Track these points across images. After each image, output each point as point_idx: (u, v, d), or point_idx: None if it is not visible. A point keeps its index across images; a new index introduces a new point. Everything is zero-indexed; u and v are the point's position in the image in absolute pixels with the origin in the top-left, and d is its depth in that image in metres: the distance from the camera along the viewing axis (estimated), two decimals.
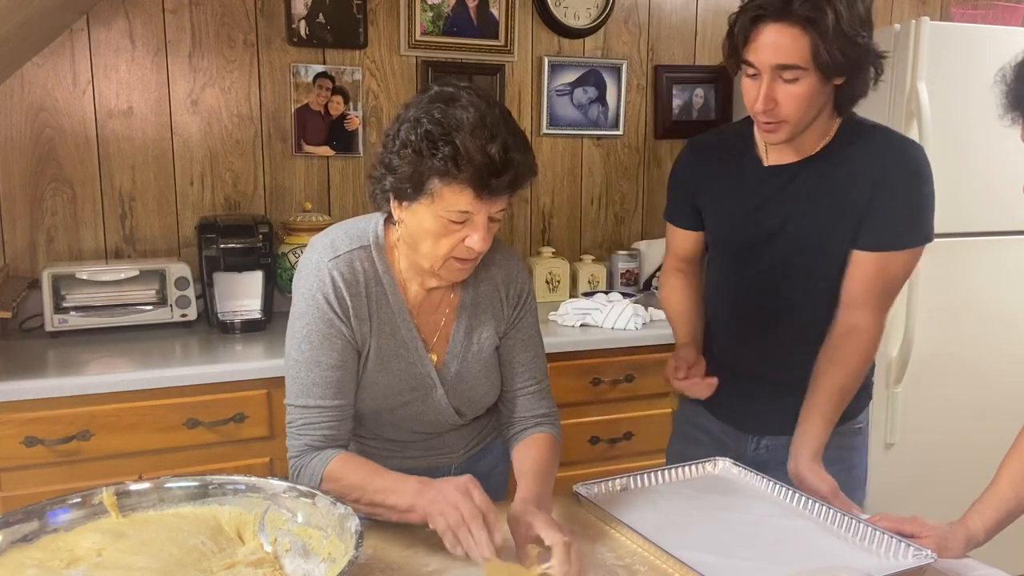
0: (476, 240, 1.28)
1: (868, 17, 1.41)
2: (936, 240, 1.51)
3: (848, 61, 1.39)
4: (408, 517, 1.25)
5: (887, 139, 1.53)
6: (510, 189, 1.25)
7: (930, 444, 2.71)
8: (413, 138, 1.24)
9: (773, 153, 1.58)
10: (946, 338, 2.67)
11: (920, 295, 2.57)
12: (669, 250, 1.83)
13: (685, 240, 1.77)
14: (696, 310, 1.79)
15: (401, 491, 1.26)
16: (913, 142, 1.54)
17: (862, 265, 1.53)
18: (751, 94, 1.45)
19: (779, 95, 1.42)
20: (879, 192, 1.49)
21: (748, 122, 1.62)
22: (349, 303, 1.35)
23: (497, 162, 1.21)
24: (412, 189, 1.26)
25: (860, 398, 1.67)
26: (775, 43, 1.38)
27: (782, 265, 1.59)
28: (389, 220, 1.38)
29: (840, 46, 1.36)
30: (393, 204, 1.32)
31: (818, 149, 1.54)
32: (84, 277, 2.31)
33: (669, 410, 2.50)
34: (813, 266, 1.57)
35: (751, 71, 1.44)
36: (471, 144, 1.20)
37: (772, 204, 1.57)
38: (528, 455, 1.43)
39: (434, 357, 1.44)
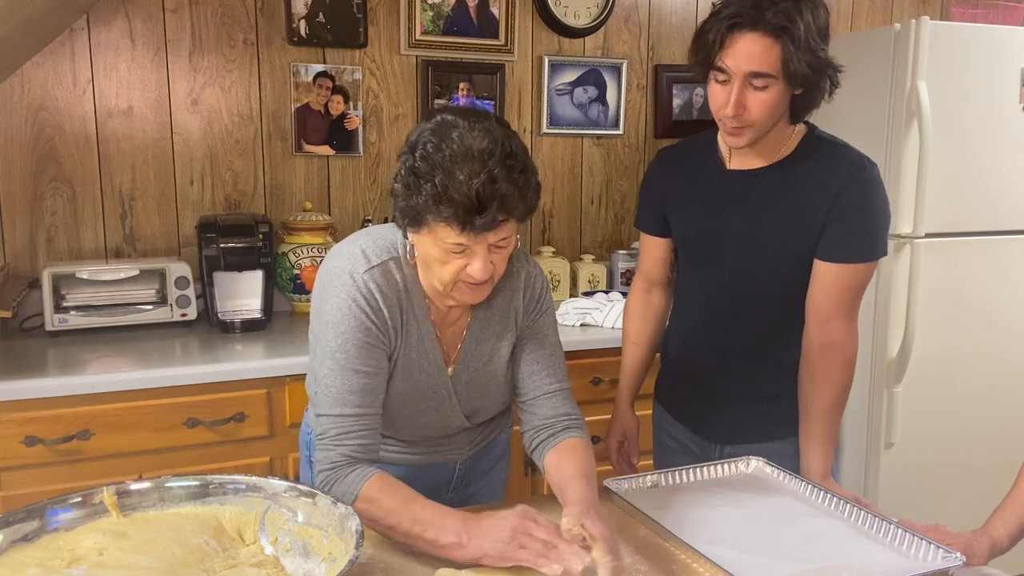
0: (476, 269, 1.27)
1: (827, 31, 1.47)
2: (936, 240, 1.52)
3: (811, 71, 1.44)
4: (447, 553, 1.20)
5: (847, 155, 1.58)
6: (497, 223, 1.23)
7: (930, 444, 2.72)
8: (403, 173, 1.26)
9: (736, 159, 1.63)
10: (946, 338, 2.67)
11: (920, 295, 2.57)
12: (640, 266, 1.87)
13: (655, 249, 1.81)
14: (650, 344, 1.87)
15: (443, 526, 1.21)
16: (870, 160, 1.58)
17: (829, 277, 1.56)
18: (720, 99, 1.50)
19: (749, 101, 1.47)
20: (840, 205, 1.53)
21: (712, 130, 1.68)
22: (386, 313, 1.34)
23: (478, 199, 1.19)
24: (410, 221, 1.28)
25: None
26: (749, 51, 1.43)
27: (744, 269, 1.63)
28: None
29: (807, 58, 1.42)
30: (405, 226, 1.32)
31: (780, 158, 1.59)
32: (84, 277, 2.31)
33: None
34: (773, 271, 1.60)
35: (721, 77, 1.48)
36: (451, 183, 1.19)
37: (734, 207, 1.62)
38: (568, 459, 1.38)
39: (450, 370, 1.44)
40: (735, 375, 1.69)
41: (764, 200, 1.59)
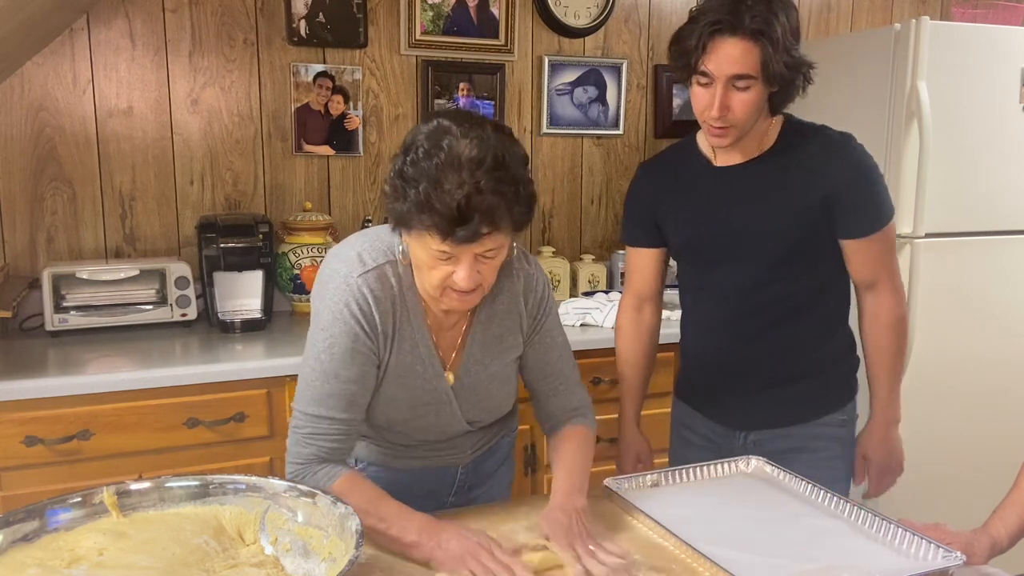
0: (461, 278, 1.26)
1: (798, 31, 1.54)
2: (936, 240, 1.56)
3: (788, 70, 1.50)
4: (408, 551, 1.27)
5: (829, 136, 1.64)
6: (481, 235, 1.21)
7: (930, 444, 2.71)
8: (392, 175, 1.25)
9: (720, 156, 1.68)
10: (946, 338, 2.66)
11: (920, 295, 2.57)
12: (628, 284, 1.88)
13: (647, 262, 1.82)
14: (646, 364, 1.90)
15: (405, 525, 1.27)
16: (848, 134, 1.64)
17: (860, 251, 1.64)
18: (703, 101, 1.55)
19: (732, 102, 1.52)
20: (839, 184, 1.59)
21: (688, 136, 1.75)
22: (377, 319, 1.34)
23: (459, 210, 1.18)
24: (397, 223, 1.28)
25: (842, 392, 1.76)
26: (730, 55, 1.48)
27: (748, 260, 1.66)
28: None
29: (784, 58, 1.48)
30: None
31: (764, 150, 1.64)
32: (84, 277, 2.31)
33: (668, 410, 2.50)
34: (778, 257, 1.64)
35: (704, 80, 1.53)
36: (434, 192, 1.18)
37: (728, 201, 1.66)
38: (559, 449, 1.48)
39: (449, 374, 1.44)
40: (753, 363, 1.72)
41: (758, 191, 1.63)
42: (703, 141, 1.70)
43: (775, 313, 1.68)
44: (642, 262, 1.83)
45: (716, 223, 1.67)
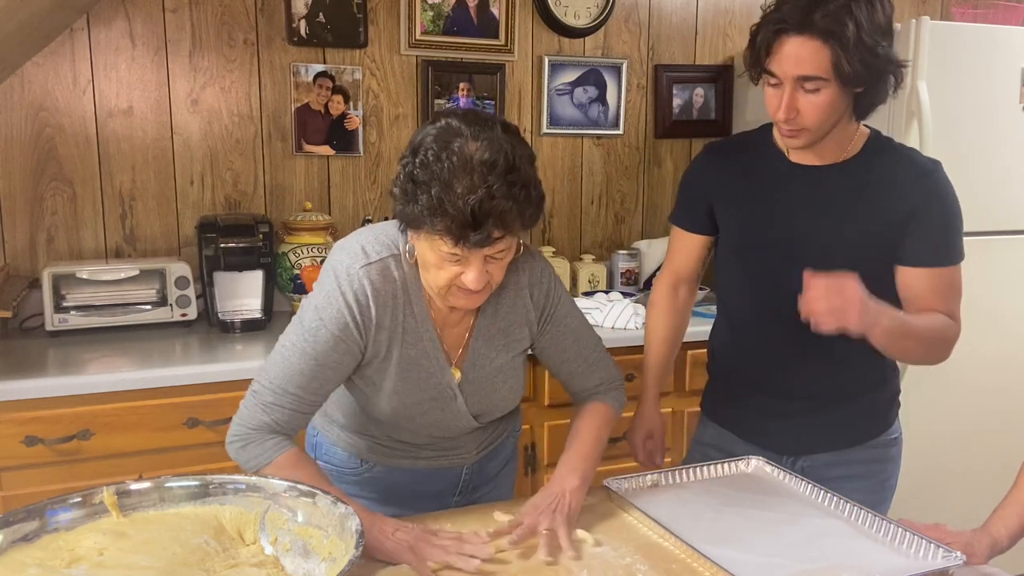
0: (470, 279, 1.26)
1: (889, 27, 1.42)
2: None
3: (869, 71, 1.40)
4: None
5: (918, 158, 1.55)
6: (492, 240, 1.22)
7: (930, 444, 2.71)
8: (402, 177, 1.25)
9: (796, 154, 1.58)
10: None
11: None
12: (669, 261, 1.79)
13: (692, 247, 1.73)
14: (675, 341, 1.82)
15: None
16: (940, 163, 1.56)
17: (919, 283, 1.52)
18: (773, 103, 1.46)
19: (801, 104, 1.43)
20: (922, 210, 1.49)
21: (763, 130, 1.63)
22: (373, 313, 1.34)
23: (473, 215, 1.18)
24: (406, 224, 1.28)
25: (891, 406, 1.68)
26: (796, 55, 1.39)
27: (813, 268, 1.51)
28: None
29: (861, 57, 1.38)
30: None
31: (844, 158, 1.55)
32: (84, 276, 2.31)
33: (670, 409, 2.50)
34: (846, 270, 1.50)
35: (773, 81, 1.45)
36: (447, 196, 1.18)
37: (798, 203, 1.56)
38: (573, 427, 1.52)
39: (455, 370, 1.44)
40: (807, 384, 1.60)
41: (834, 200, 1.53)
42: (779, 134, 1.58)
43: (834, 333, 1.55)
44: (688, 246, 1.73)
45: (780, 223, 1.56)
